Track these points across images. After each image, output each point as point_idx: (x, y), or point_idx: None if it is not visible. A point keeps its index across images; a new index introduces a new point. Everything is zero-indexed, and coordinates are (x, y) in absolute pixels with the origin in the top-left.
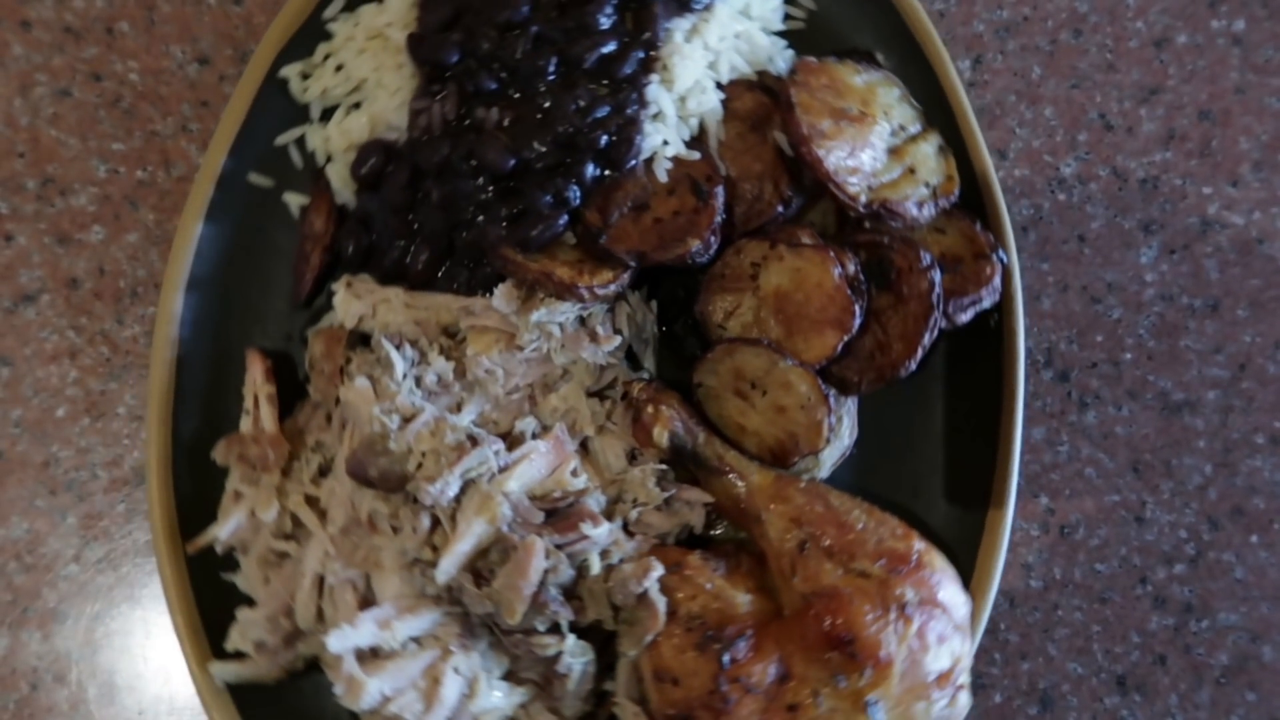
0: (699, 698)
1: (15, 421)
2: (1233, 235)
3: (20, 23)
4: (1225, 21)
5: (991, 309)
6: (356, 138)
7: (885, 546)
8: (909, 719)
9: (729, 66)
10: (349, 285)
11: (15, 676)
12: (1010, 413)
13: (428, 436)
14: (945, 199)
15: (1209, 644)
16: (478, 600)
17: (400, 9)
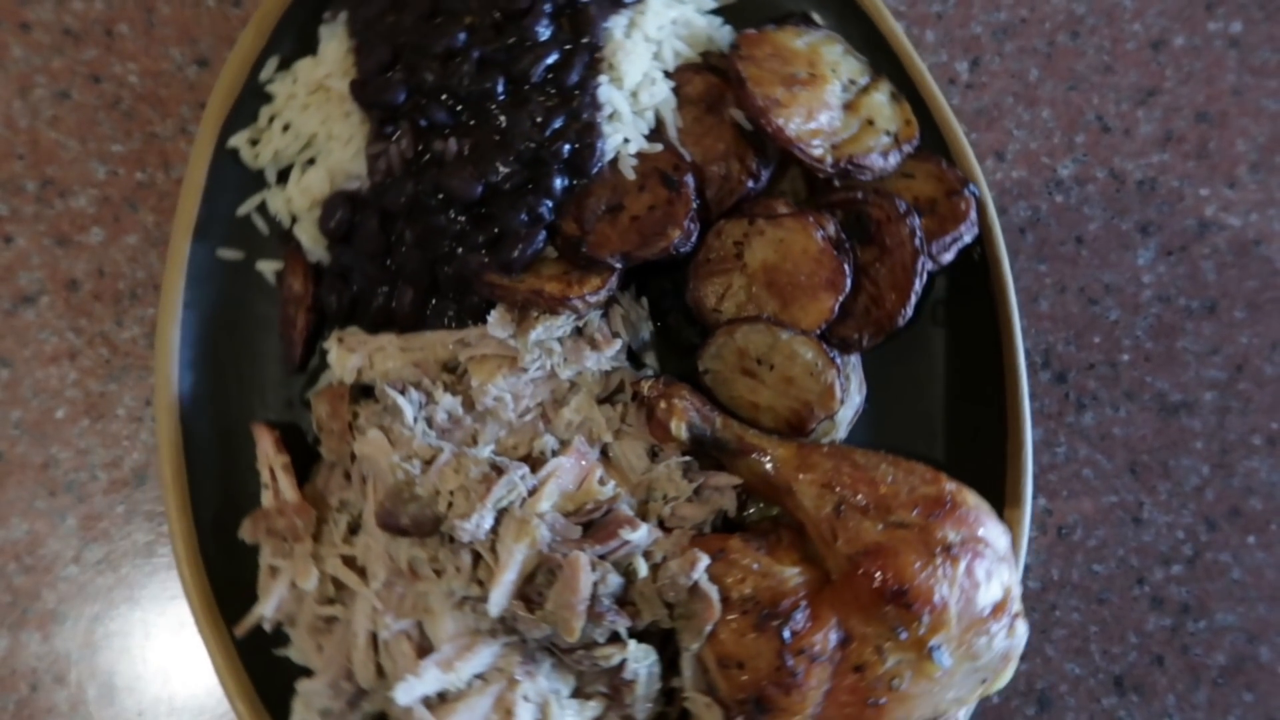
0: (767, 676)
1: (15, 423)
2: (1230, 237)
3: (20, 25)
4: (1222, 23)
5: (973, 243)
6: (318, 194)
7: (918, 494)
8: (972, 655)
9: (672, 53)
10: (341, 340)
11: (15, 677)
12: (1011, 348)
13: (452, 475)
14: (908, 144)
15: (1206, 644)
16: (534, 625)
17: (336, 58)
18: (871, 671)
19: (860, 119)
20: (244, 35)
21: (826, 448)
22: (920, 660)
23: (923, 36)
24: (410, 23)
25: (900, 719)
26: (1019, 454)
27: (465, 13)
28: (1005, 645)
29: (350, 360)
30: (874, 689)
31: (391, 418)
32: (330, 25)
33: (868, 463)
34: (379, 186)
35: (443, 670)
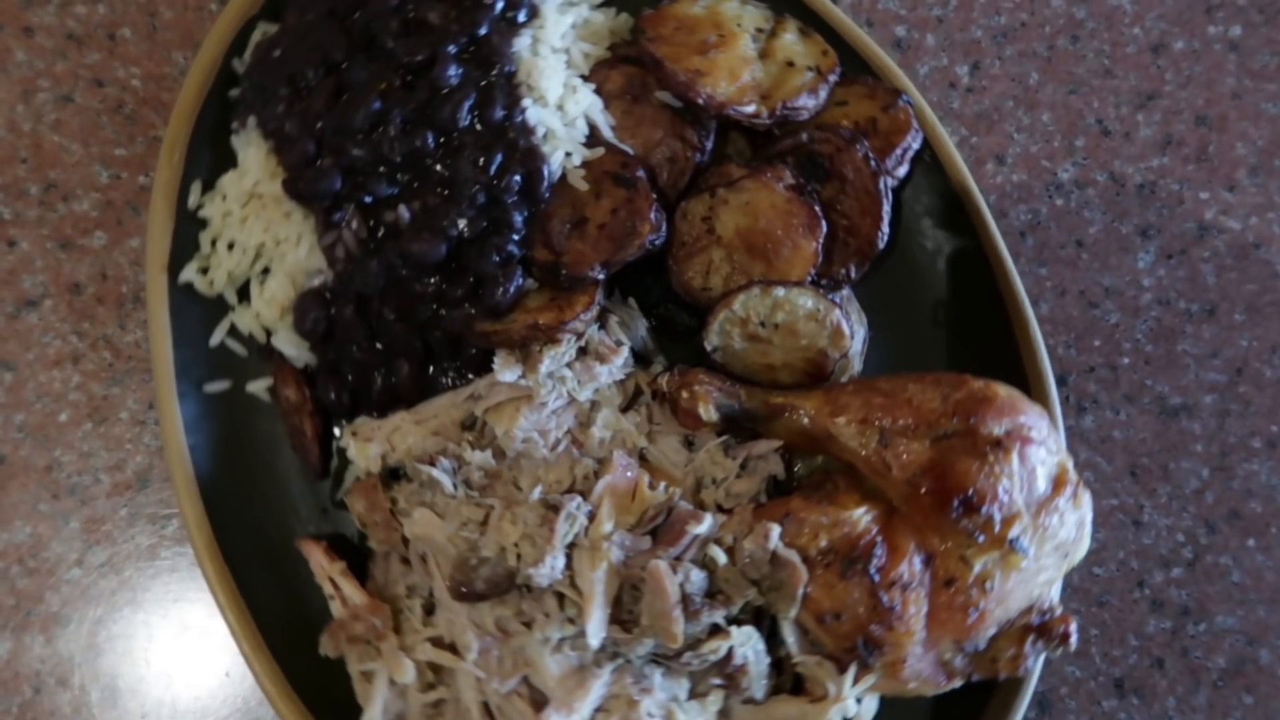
0: (866, 618)
1: (18, 426)
2: (1229, 240)
3: (23, 29)
4: (1222, 27)
5: (922, 148)
6: (285, 300)
7: (952, 401)
8: (1051, 536)
9: (582, 56)
10: (355, 434)
11: (18, 680)
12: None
13: (510, 527)
14: (832, 74)
15: (1206, 647)
16: (637, 643)
17: (258, 163)
18: (963, 581)
19: (779, 64)
20: (159, 168)
21: (851, 385)
22: (1005, 556)
23: (923, 40)
24: (321, 107)
25: (1002, 617)
26: (1029, 343)
27: (371, 81)
28: (1076, 516)
29: (370, 450)
30: (970, 597)
31: (430, 491)
32: (242, 134)
33: (893, 388)
34: (344, 274)
35: (565, 716)
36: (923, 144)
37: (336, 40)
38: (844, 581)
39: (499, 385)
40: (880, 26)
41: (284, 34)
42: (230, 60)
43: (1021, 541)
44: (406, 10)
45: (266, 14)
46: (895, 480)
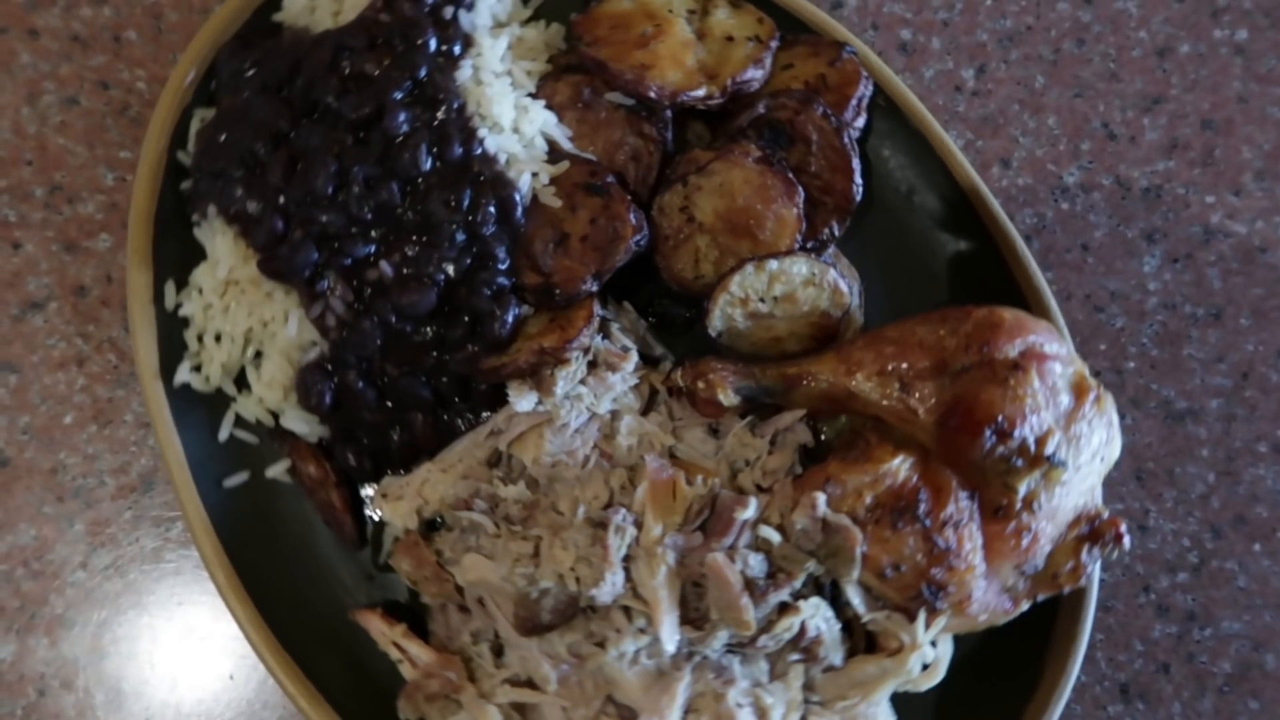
0: (926, 564)
1: (23, 428)
2: (1235, 244)
3: (28, 31)
4: (1228, 31)
5: (876, 94)
6: (285, 380)
7: (961, 334)
8: (1085, 444)
9: (525, 74)
10: (384, 496)
11: (23, 683)
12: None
13: (562, 553)
14: (772, 40)
15: (1212, 652)
16: (711, 638)
17: (228, 251)
18: (1011, 507)
19: (719, 41)
20: (128, 277)
21: (860, 340)
22: (1046, 474)
23: (928, 43)
24: (279, 180)
25: (1054, 533)
26: (1020, 264)
27: (324, 144)
28: (1104, 419)
29: (403, 508)
30: (1021, 521)
31: (473, 535)
32: (204, 225)
33: (902, 334)
34: (339, 342)
35: (675, 717)
36: (874, 90)
37: (279, 111)
38: (896, 533)
39: (517, 416)
40: (885, 30)
41: (224, 116)
42: (174, 153)
43: (1059, 456)
44: (342, 68)
45: (200, 100)
46: (923, 424)
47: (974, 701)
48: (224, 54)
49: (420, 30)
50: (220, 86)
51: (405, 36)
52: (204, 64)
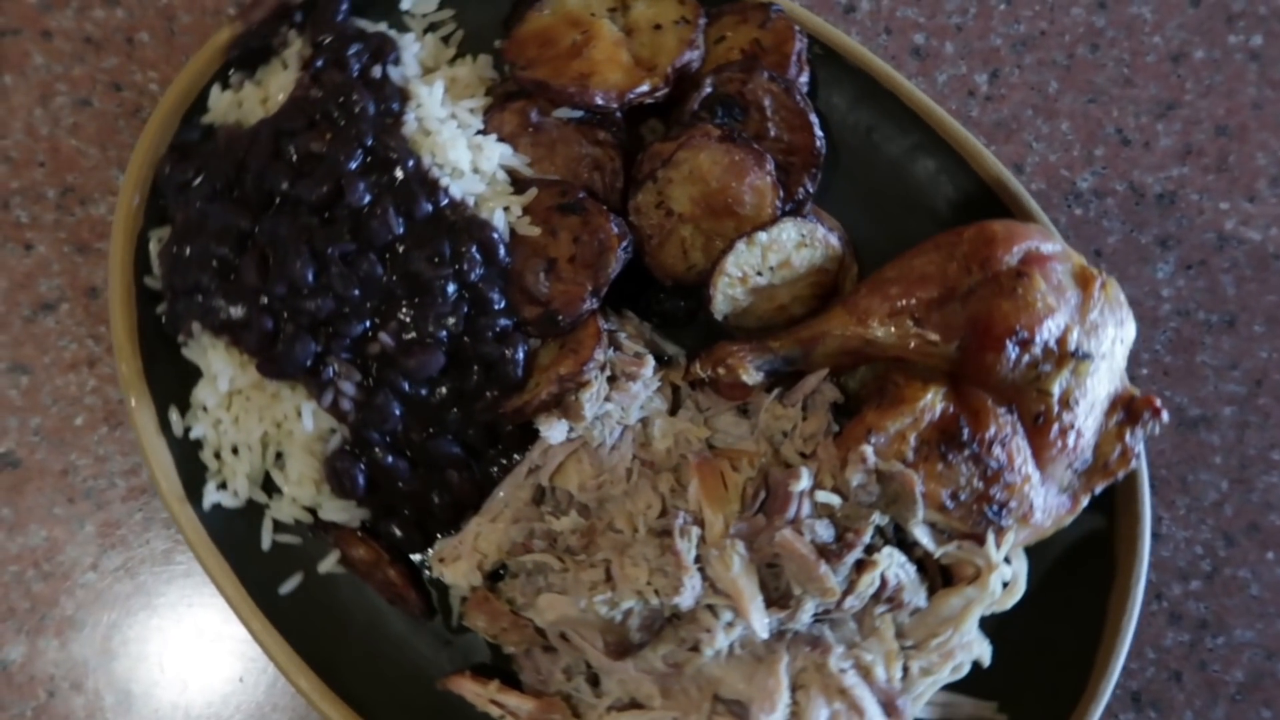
0: (983, 486)
1: (34, 429)
2: (1249, 250)
3: (41, 32)
4: (1243, 37)
5: (812, 45)
6: (313, 474)
7: (959, 256)
8: (1103, 330)
9: (469, 113)
10: (441, 560)
11: (33, 684)
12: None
13: (634, 570)
14: (699, 17)
15: (1224, 660)
16: (799, 614)
17: (223, 362)
18: (1049, 411)
19: (647, 31)
20: (131, 417)
21: (862, 288)
22: (1075, 369)
23: (941, 48)
24: (255, 280)
25: (1095, 425)
26: (989, 169)
27: (292, 233)
28: (1114, 302)
29: (463, 567)
30: (1063, 421)
31: (540, 574)
32: (192, 343)
33: (901, 271)
34: (358, 424)
35: (772, 712)
36: (809, 41)
37: (236, 212)
38: (948, 464)
39: (552, 448)
40: (899, 34)
41: (181, 231)
42: (141, 280)
43: (1083, 349)
44: (288, 153)
45: (153, 221)
46: (945, 353)
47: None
48: (163, 170)
49: (355, 96)
50: (169, 203)
51: (342, 106)
52: (146, 184)
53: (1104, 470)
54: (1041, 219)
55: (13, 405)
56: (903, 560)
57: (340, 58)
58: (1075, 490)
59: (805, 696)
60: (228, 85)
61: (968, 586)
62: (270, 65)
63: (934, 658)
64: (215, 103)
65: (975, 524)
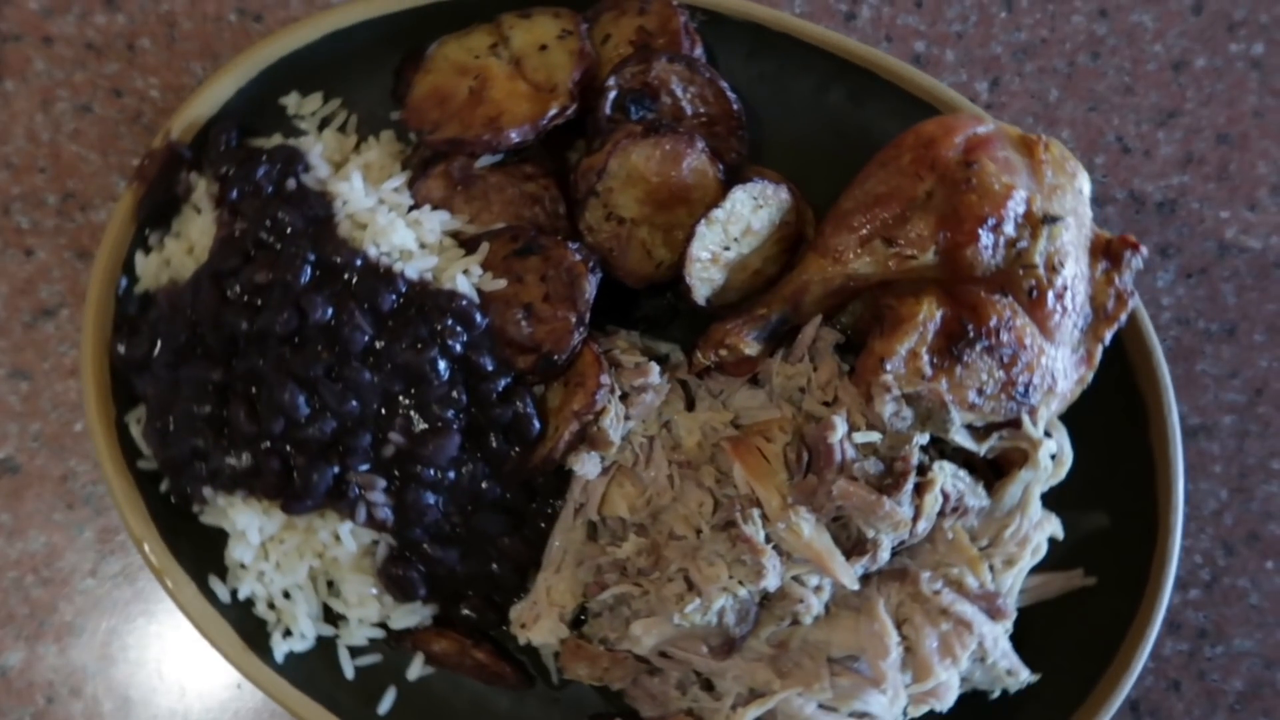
0: (1005, 374)
1: (34, 435)
2: (1250, 259)
3: (42, 38)
4: (1244, 45)
5: (694, 14)
6: (371, 590)
7: (905, 167)
8: (1061, 187)
9: (394, 192)
10: (522, 626)
11: (32, 690)
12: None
13: (712, 569)
14: (578, 25)
15: (1223, 670)
16: (879, 554)
17: (246, 515)
18: (1041, 282)
19: (535, 54)
20: (174, 598)
21: (825, 228)
22: (1051, 232)
23: (942, 56)
24: (248, 425)
25: (1084, 274)
26: (906, 74)
27: (269, 371)
28: (1061, 159)
29: (545, 625)
30: (1056, 286)
31: (623, 605)
32: (208, 509)
33: (857, 200)
34: (399, 527)
35: (887, 655)
36: (690, 12)
37: (204, 368)
38: (965, 365)
39: (590, 482)
40: (899, 42)
41: (157, 407)
42: (134, 465)
43: (1049, 211)
44: (235, 293)
45: (124, 405)
46: (926, 263)
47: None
48: (118, 353)
49: (281, 215)
50: (135, 384)
51: (271, 230)
52: (105, 371)
53: (1107, 319)
54: (963, 104)
55: (12, 411)
56: (954, 469)
57: (251, 183)
58: (1087, 346)
59: (912, 629)
60: (149, 248)
61: (1020, 470)
62: (183, 215)
63: (1012, 548)
64: (144, 270)
65: (1008, 411)
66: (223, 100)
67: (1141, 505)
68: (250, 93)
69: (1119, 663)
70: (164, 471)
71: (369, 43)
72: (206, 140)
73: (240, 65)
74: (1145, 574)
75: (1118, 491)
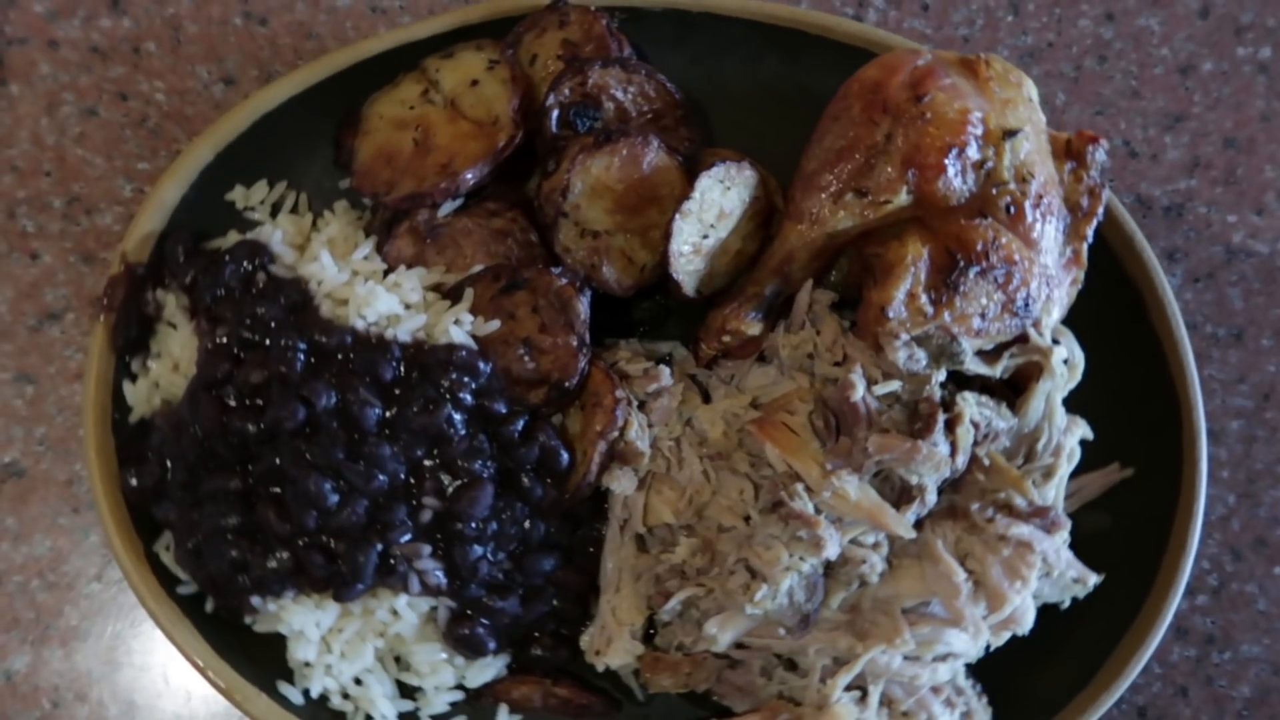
0: (1003, 294)
1: (39, 439)
2: (1257, 264)
3: (48, 42)
4: (1251, 49)
5: (613, 15)
6: (442, 656)
7: (858, 115)
8: (1012, 98)
9: (363, 260)
10: (596, 653)
11: (37, 694)
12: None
13: (772, 553)
14: (505, 52)
15: (1231, 676)
16: (927, 496)
17: (301, 615)
18: (1016, 196)
19: (468, 90)
20: (251, 711)
21: (795, 193)
22: (1012, 144)
23: None
24: (283, 526)
25: (1055, 180)
26: (840, 26)
27: (289, 467)
28: (1004, 72)
29: (618, 648)
30: (1031, 196)
31: (691, 609)
32: (260, 617)
33: (819, 160)
34: (455, 588)
35: (958, 592)
36: (623, 14)
37: (222, 479)
38: (963, 295)
39: (629, 496)
40: None
41: (184, 529)
42: (174, 592)
43: (1006, 124)
44: (237, 400)
45: (147, 534)
46: (901, 205)
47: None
48: (129, 488)
49: (260, 311)
50: (154, 512)
51: (253, 328)
52: (120, 510)
53: (1085, 216)
54: (896, 40)
55: (18, 415)
56: (977, 398)
57: (221, 286)
58: (1073, 247)
59: (975, 562)
60: (134, 376)
61: (1038, 382)
62: (160, 334)
63: (1048, 459)
64: (134, 398)
65: (1013, 329)
66: (169, 209)
67: (1160, 397)
68: (194, 196)
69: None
70: (206, 591)
71: (299, 118)
72: (163, 255)
73: (179, 170)
74: (1178, 458)
75: (1134, 391)
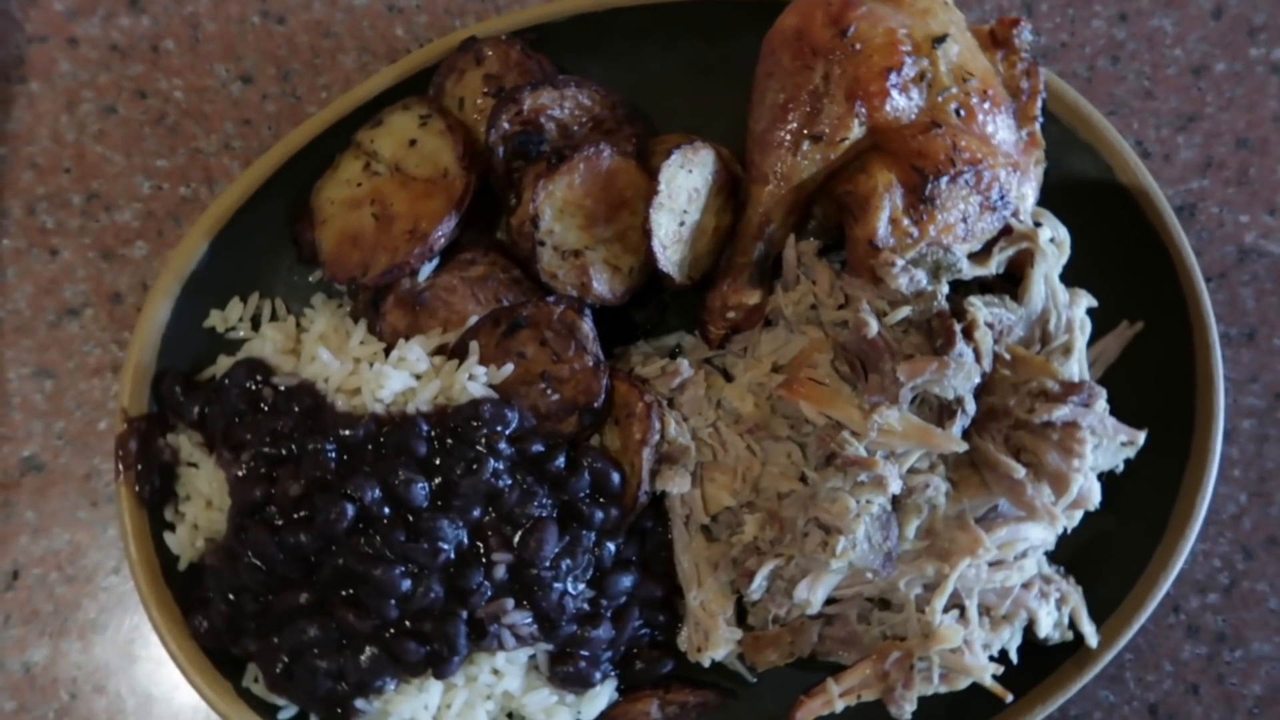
0: (979, 195)
1: (58, 434)
2: (1270, 264)
3: (68, 40)
4: (1264, 49)
5: (524, 37)
6: (557, 701)
7: (790, 63)
8: (933, 9)
9: (359, 344)
10: (698, 650)
11: (55, 686)
12: None
13: (837, 505)
14: (432, 104)
15: (1242, 674)
16: (968, 405)
17: (407, 701)
18: (961, 96)
19: (410, 152)
20: None
21: (753, 156)
22: (945, 51)
23: None
24: (362, 621)
25: (991, 71)
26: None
27: (356, 564)
28: None
29: (717, 639)
30: (976, 94)
31: (779, 580)
32: (368, 716)
33: (767, 118)
34: (548, 629)
35: (1025, 493)
36: (532, 34)
37: (293, 594)
38: (941, 206)
39: (687, 493)
40: None
41: (267, 653)
42: (277, 714)
43: (929, 31)
44: (284, 513)
45: (234, 673)
46: (857, 138)
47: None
48: (201, 634)
49: (278, 425)
50: (228, 646)
51: (277, 443)
52: (198, 659)
53: (1030, 98)
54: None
55: (37, 409)
56: (982, 299)
57: (230, 412)
58: (1027, 130)
59: (1030, 455)
60: (171, 525)
61: (1033, 268)
62: (183, 476)
63: (1063, 336)
64: (178, 545)
65: (996, 224)
66: (153, 352)
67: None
68: (173, 334)
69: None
70: (310, 709)
71: (249, 228)
72: (162, 399)
73: (151, 312)
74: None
75: (1138, 290)
